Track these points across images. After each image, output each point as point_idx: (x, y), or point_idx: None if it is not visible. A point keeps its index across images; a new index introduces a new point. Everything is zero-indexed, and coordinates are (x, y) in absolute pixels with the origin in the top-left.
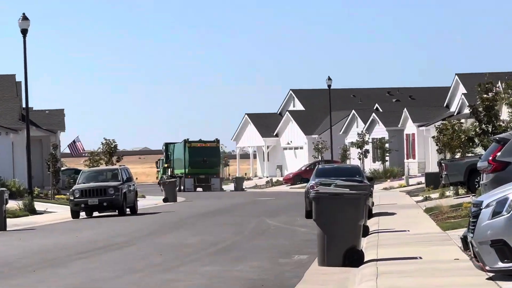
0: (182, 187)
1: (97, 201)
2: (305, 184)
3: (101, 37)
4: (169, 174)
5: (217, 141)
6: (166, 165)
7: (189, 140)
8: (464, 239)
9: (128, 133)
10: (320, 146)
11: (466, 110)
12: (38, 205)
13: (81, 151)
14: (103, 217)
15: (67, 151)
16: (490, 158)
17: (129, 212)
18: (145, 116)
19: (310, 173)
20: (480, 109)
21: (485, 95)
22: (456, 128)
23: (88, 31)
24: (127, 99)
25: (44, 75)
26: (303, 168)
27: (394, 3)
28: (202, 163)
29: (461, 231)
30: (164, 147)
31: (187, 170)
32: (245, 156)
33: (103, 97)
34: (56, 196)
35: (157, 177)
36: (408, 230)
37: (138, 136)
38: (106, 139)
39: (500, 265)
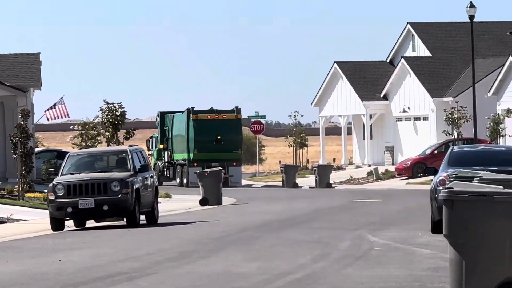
0: (184, 180)
1: (93, 203)
2: (431, 178)
3: None
4: (166, 160)
5: (237, 110)
6: (161, 146)
7: (194, 109)
8: None
9: (144, 95)
10: (455, 116)
11: None
12: None
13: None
14: (103, 229)
15: (45, 121)
16: None
17: (145, 222)
18: (173, 69)
19: (439, 159)
20: None
21: None
22: None
23: None
24: (142, 43)
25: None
26: (427, 152)
27: None
28: (214, 144)
29: None
30: (158, 119)
31: (191, 154)
32: (333, 131)
33: (104, 39)
34: (27, 195)
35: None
36: None
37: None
38: (108, 103)
39: None
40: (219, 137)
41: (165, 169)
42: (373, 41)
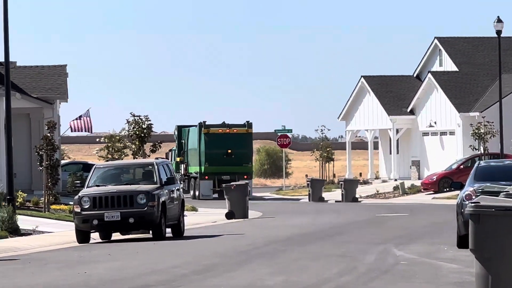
0: (196, 193)
1: (119, 216)
2: (457, 193)
3: None
4: (182, 172)
5: (248, 125)
6: (178, 159)
7: (206, 123)
8: None
9: (172, 107)
10: (482, 131)
11: None
12: (24, 221)
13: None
14: (129, 241)
15: (71, 133)
16: None
17: (171, 234)
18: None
19: (465, 174)
20: None
21: None
22: None
23: None
24: (170, 56)
25: (35, 12)
26: (454, 166)
27: None
28: (225, 158)
29: None
30: (176, 132)
31: (202, 167)
32: (360, 145)
33: (131, 52)
34: (53, 207)
35: None
36: None
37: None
38: (134, 116)
39: None
40: (229, 150)
41: (181, 182)
42: (400, 56)
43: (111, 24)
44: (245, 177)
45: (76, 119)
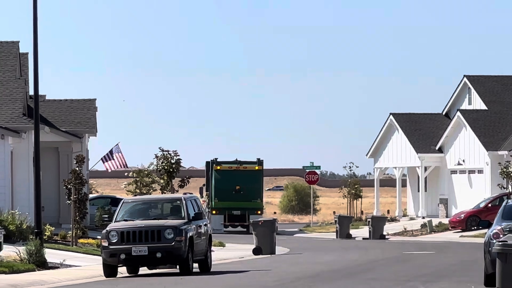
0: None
1: (147, 250)
2: (484, 231)
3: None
4: (208, 206)
5: (259, 162)
6: (205, 194)
7: (218, 160)
8: None
9: (201, 142)
10: (510, 169)
11: None
12: (51, 254)
13: (122, 167)
14: (156, 276)
15: (101, 167)
16: None
17: (198, 270)
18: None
19: (493, 212)
20: None
21: None
22: None
23: None
24: (200, 91)
25: (64, 47)
26: (482, 205)
27: None
28: (234, 194)
29: None
30: (205, 168)
31: (213, 202)
32: (388, 182)
33: (161, 86)
34: (80, 241)
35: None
36: None
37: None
38: (163, 150)
39: None
40: (238, 187)
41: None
42: (429, 94)
43: (140, 59)
44: (258, 212)
45: (108, 156)
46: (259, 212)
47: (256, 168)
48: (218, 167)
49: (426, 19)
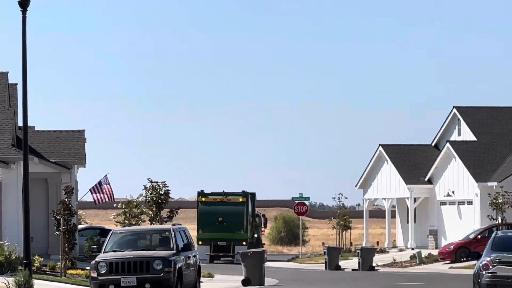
0: None
1: (135, 281)
2: (474, 262)
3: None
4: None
5: (245, 194)
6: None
7: (204, 191)
8: None
9: (190, 173)
10: (500, 201)
11: None
12: (40, 285)
13: (108, 199)
14: None
15: (89, 198)
16: None
17: None
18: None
19: (483, 243)
20: None
21: None
22: None
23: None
24: (188, 122)
25: (53, 78)
26: (471, 236)
27: None
28: (217, 225)
29: None
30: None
31: (198, 233)
32: (377, 213)
33: (150, 118)
34: (69, 272)
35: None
36: None
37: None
38: (152, 181)
39: None
40: (221, 218)
41: None
42: (418, 125)
43: (129, 91)
44: (243, 243)
45: (96, 187)
46: (244, 243)
47: (240, 199)
48: (203, 199)
49: (416, 50)
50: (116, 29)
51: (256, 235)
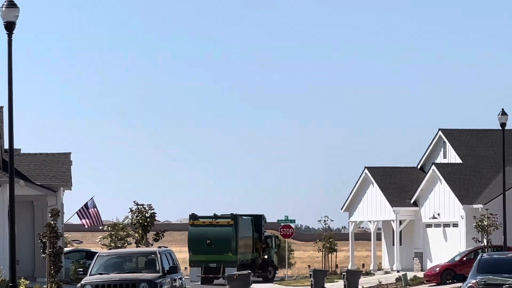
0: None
1: None
2: (459, 285)
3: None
4: None
5: (234, 217)
6: None
7: (195, 214)
8: None
9: (175, 196)
10: (485, 223)
11: None
12: None
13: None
14: None
15: (75, 221)
16: None
17: None
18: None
19: (468, 266)
20: None
21: None
22: None
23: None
24: (174, 143)
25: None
26: (457, 258)
27: None
28: (206, 247)
29: None
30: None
31: (189, 255)
32: (363, 236)
33: (136, 140)
34: None
35: None
36: None
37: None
38: (137, 204)
39: None
40: (208, 241)
41: None
42: (404, 147)
43: (115, 112)
44: (232, 264)
45: (83, 210)
46: (232, 264)
47: (228, 222)
48: (194, 222)
49: (401, 72)
50: (101, 50)
51: (266, 256)
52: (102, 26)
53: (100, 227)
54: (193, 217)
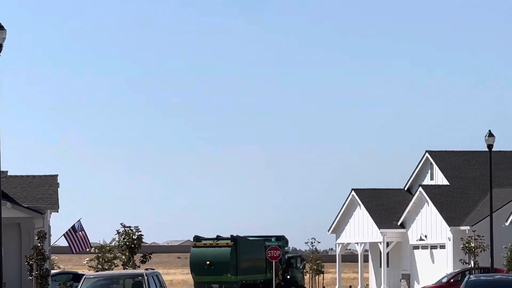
0: None
1: None
2: None
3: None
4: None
5: (233, 238)
6: None
7: (198, 236)
8: None
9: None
10: (472, 245)
11: None
12: None
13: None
14: None
15: (62, 243)
16: None
17: None
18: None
19: (456, 287)
20: None
21: None
22: None
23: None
24: (160, 164)
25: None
26: (444, 280)
27: None
28: (206, 269)
29: None
30: None
31: (192, 276)
32: (350, 258)
33: (121, 161)
34: None
35: None
36: None
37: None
38: (124, 226)
39: None
40: (208, 262)
41: None
42: (391, 169)
43: (102, 135)
44: (235, 285)
45: (71, 233)
46: (235, 285)
47: (228, 243)
48: (196, 243)
49: (389, 95)
50: (88, 73)
51: (288, 277)
52: (89, 50)
53: (88, 249)
54: (196, 239)
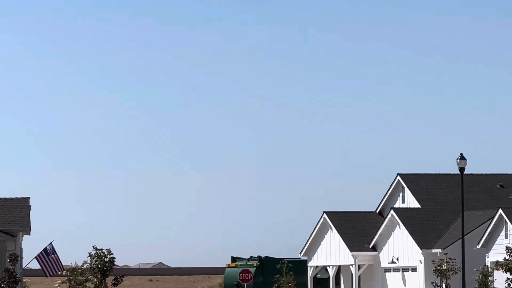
0: None
1: None
2: None
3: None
4: None
5: (259, 259)
6: None
7: (234, 257)
8: None
9: (133, 240)
10: (444, 268)
11: None
12: None
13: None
14: None
15: (34, 266)
16: None
17: None
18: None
19: None
20: None
21: None
22: None
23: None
24: (131, 187)
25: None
26: None
27: None
28: (234, 287)
29: None
30: None
31: None
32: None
33: (93, 184)
34: None
35: None
36: None
37: (151, 245)
38: (96, 249)
39: None
40: (236, 282)
41: None
42: (363, 192)
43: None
44: None
45: (43, 256)
46: None
47: (254, 264)
48: (229, 264)
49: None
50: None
51: None
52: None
53: (59, 272)
54: (232, 259)
